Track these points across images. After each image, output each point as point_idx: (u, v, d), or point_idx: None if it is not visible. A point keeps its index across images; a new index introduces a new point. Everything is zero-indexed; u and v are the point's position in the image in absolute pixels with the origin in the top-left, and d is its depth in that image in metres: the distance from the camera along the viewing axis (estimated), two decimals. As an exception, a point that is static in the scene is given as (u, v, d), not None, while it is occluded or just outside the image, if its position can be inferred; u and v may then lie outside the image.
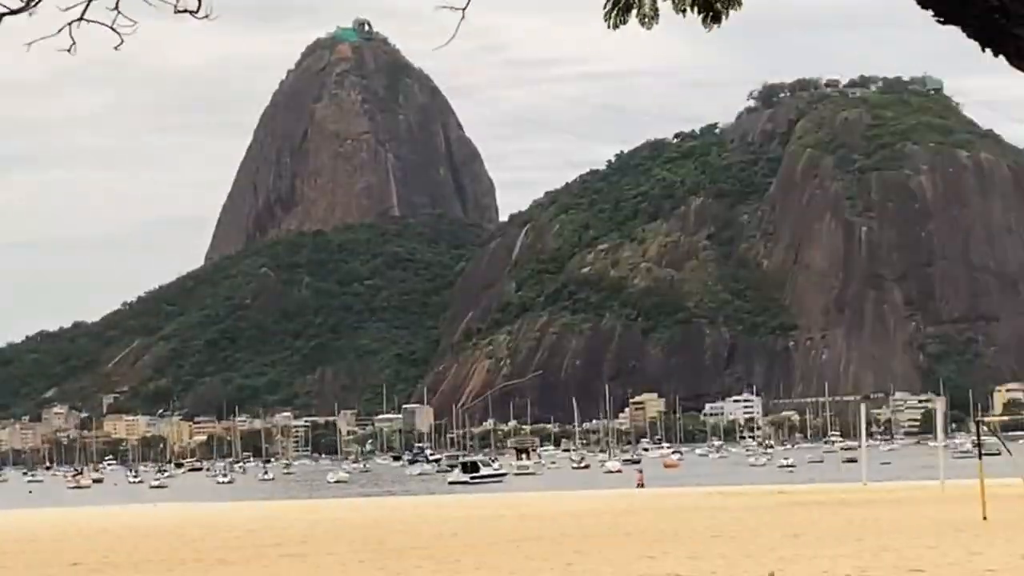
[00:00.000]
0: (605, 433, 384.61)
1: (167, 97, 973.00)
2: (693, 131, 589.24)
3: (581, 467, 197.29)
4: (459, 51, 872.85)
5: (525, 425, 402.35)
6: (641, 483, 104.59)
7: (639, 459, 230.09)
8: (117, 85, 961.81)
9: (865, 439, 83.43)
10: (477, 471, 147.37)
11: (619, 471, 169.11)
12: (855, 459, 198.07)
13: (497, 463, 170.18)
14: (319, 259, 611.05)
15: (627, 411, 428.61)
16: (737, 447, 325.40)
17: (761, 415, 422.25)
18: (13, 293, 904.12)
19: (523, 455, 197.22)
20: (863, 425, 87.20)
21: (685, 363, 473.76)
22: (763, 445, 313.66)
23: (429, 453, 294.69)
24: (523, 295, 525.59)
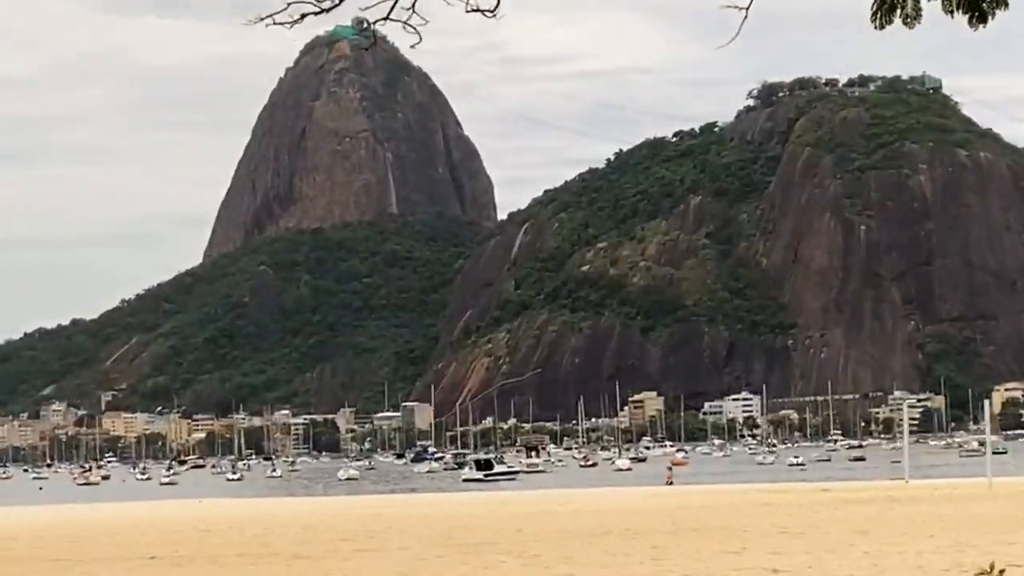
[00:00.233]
0: (606, 432, 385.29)
1: (166, 94, 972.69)
2: (692, 130, 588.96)
3: (588, 465, 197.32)
4: (458, 49, 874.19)
5: (525, 423, 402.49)
6: (670, 480, 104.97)
7: (645, 457, 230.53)
8: (116, 82, 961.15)
9: (908, 438, 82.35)
10: (491, 469, 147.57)
11: (629, 469, 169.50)
12: (862, 457, 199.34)
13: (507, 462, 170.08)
14: (318, 257, 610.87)
15: (626, 409, 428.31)
16: (738, 446, 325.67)
17: (760, 414, 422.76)
18: (12, 291, 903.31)
19: (533, 453, 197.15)
20: (906, 424, 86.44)
21: (684, 362, 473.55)
22: (766, 444, 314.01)
23: (432, 451, 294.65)
24: (522, 293, 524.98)
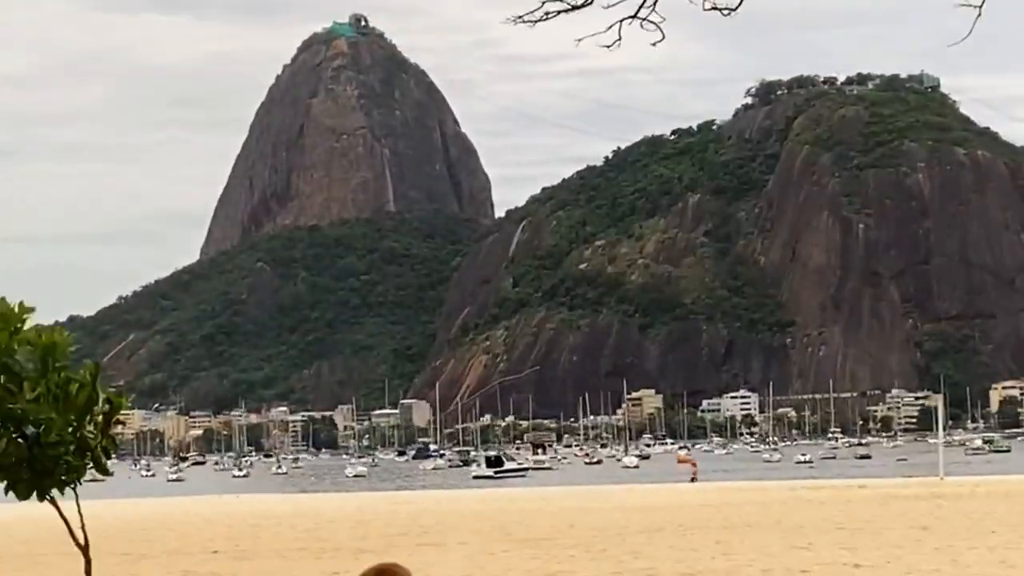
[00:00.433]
0: (604, 429, 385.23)
1: (164, 92, 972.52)
2: (691, 128, 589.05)
3: (593, 463, 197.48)
4: (455, 47, 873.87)
5: (523, 420, 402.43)
6: (695, 476, 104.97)
7: (648, 455, 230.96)
8: (115, 80, 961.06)
9: (943, 435, 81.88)
10: (501, 465, 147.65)
11: (636, 467, 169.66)
12: (868, 455, 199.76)
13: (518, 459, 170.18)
14: (315, 254, 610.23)
15: (624, 407, 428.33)
16: (737, 444, 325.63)
17: (758, 412, 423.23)
18: (8, 287, 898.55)
19: (539, 450, 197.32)
20: (941, 421, 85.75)
21: (682, 359, 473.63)
22: (767, 442, 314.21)
23: (433, 448, 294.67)
24: (520, 291, 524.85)
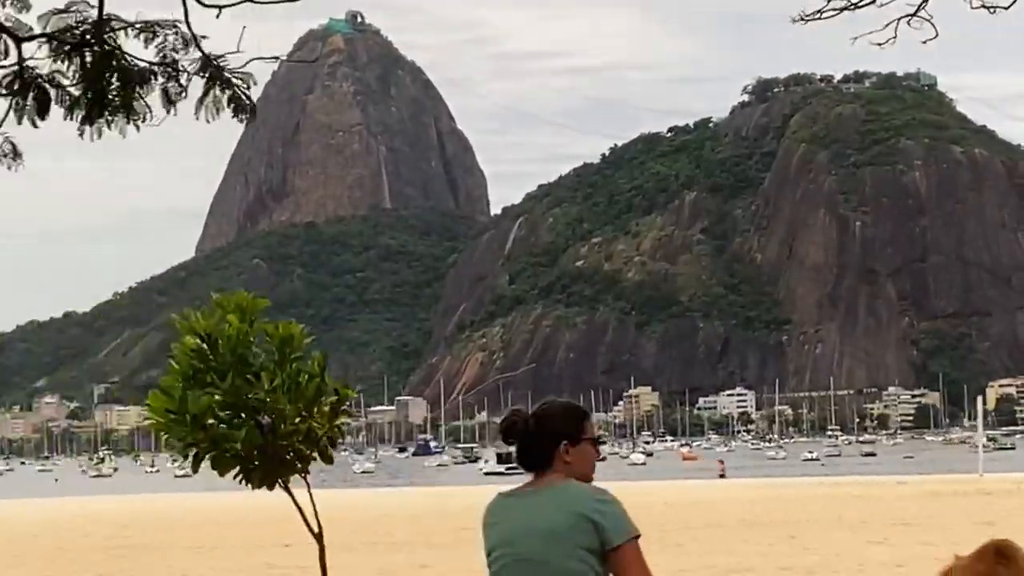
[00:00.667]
0: (602, 427, 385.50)
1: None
2: (687, 125, 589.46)
3: (598, 459, 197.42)
4: (451, 44, 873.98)
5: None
6: (723, 473, 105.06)
7: (651, 452, 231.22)
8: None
9: (983, 431, 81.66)
10: (511, 462, 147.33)
11: (643, 464, 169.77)
12: (873, 453, 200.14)
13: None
14: (311, 251, 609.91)
15: (621, 404, 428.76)
16: (736, 441, 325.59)
17: (754, 409, 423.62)
18: (4, 283, 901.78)
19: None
20: (980, 418, 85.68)
21: (679, 357, 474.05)
22: (766, 439, 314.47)
23: (433, 445, 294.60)
24: (516, 288, 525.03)
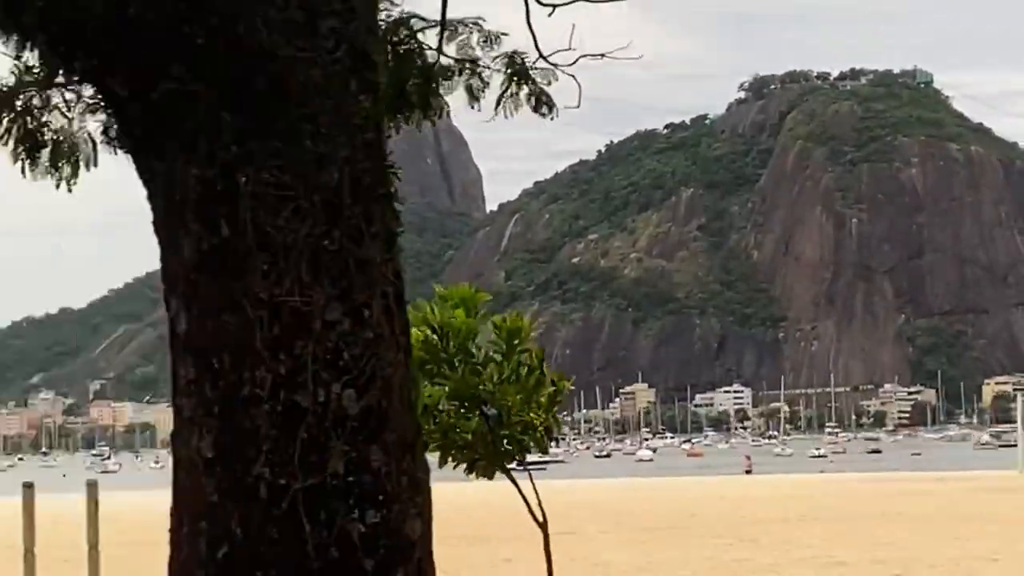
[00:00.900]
0: (599, 424, 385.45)
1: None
2: (683, 122, 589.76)
3: (603, 456, 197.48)
4: (447, 40, 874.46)
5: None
6: (749, 469, 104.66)
7: (656, 448, 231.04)
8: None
9: (1022, 427, 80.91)
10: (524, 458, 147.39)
11: (651, 460, 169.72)
12: (879, 450, 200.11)
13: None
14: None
15: (617, 401, 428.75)
16: (735, 438, 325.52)
17: (751, 406, 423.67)
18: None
19: (552, 443, 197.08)
20: (1019, 416, 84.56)
21: (675, 354, 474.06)
22: (766, 436, 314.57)
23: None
24: (512, 284, 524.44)
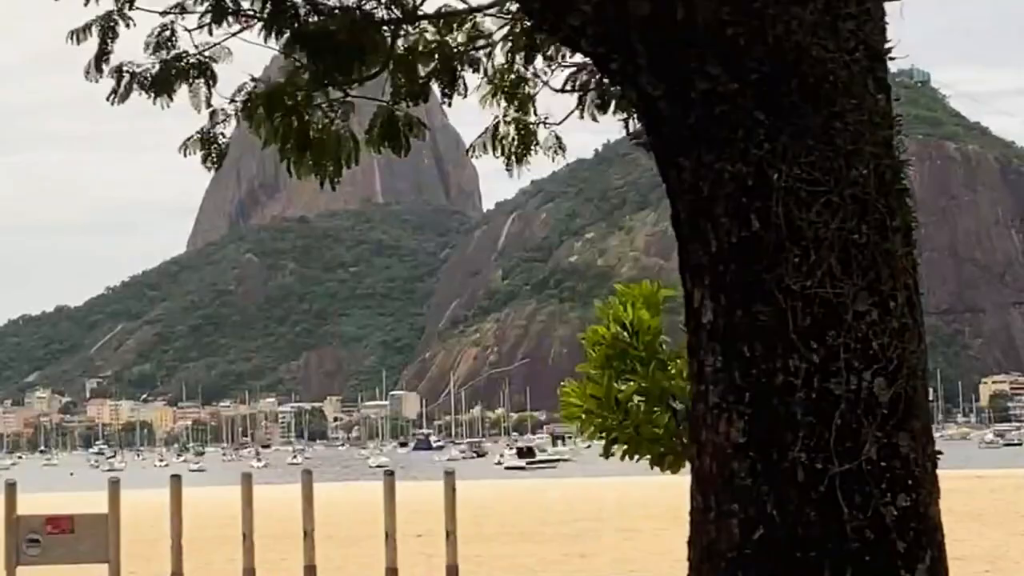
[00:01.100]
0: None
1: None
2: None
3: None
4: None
5: (513, 413, 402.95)
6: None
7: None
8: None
9: None
10: (533, 456, 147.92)
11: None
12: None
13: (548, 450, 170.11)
14: (304, 245, 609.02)
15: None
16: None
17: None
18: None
19: (559, 442, 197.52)
20: None
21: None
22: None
23: (434, 440, 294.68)
24: (510, 283, 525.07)
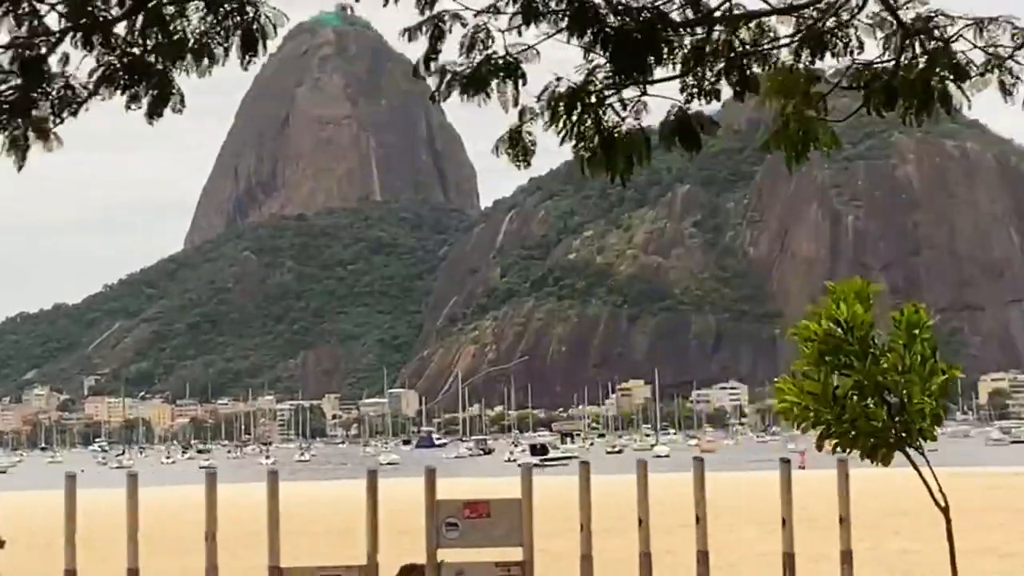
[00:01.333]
0: (596, 420, 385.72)
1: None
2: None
3: (614, 452, 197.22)
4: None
5: (511, 411, 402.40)
6: (803, 465, 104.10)
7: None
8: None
9: None
10: (546, 453, 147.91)
11: (667, 455, 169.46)
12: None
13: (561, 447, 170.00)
14: (301, 243, 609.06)
15: (613, 397, 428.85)
16: (735, 435, 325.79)
17: (747, 402, 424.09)
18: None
19: (568, 439, 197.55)
20: None
21: (671, 350, 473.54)
22: (768, 432, 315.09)
23: (436, 438, 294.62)
24: (508, 281, 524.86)
